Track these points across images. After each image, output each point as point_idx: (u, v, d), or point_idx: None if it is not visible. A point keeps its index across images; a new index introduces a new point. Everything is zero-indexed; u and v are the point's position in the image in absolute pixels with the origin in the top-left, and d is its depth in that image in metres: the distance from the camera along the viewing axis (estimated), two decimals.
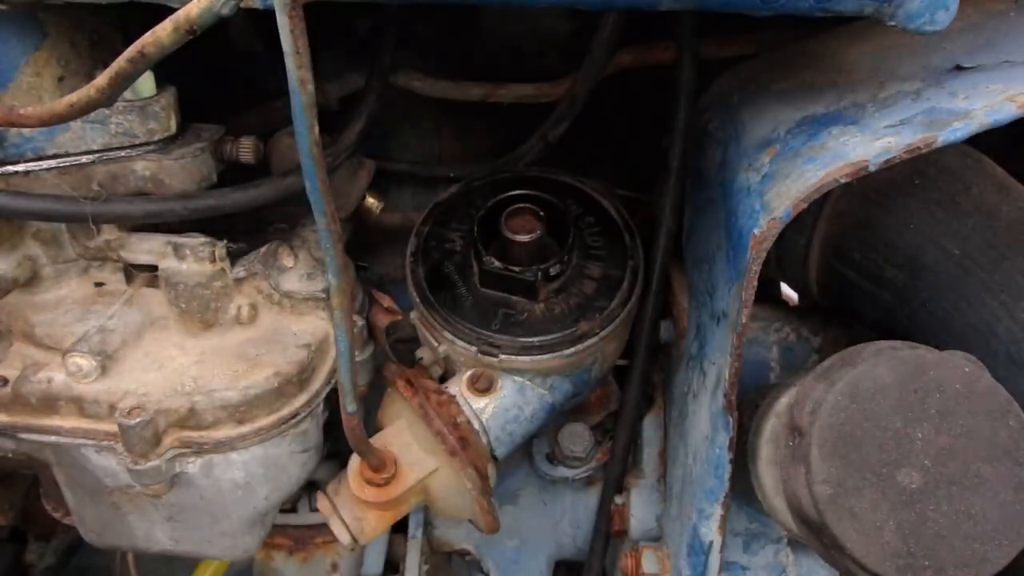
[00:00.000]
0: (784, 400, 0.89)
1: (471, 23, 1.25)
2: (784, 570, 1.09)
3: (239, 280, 1.07)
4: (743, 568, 1.09)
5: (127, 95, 0.95)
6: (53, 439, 1.00)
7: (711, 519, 0.96)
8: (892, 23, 0.75)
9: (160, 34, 0.69)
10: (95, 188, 1.00)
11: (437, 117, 1.43)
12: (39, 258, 1.06)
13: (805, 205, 0.75)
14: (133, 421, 0.94)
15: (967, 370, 0.73)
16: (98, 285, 1.10)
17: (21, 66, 0.93)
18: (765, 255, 0.79)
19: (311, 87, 0.63)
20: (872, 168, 0.74)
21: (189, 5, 0.67)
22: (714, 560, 0.98)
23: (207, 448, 1.00)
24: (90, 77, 0.83)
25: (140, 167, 1.00)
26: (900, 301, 0.90)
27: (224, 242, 1.05)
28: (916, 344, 0.76)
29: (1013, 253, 0.82)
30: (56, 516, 1.20)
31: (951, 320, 0.85)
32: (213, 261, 1.04)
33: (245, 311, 1.07)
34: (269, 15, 0.63)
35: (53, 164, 0.98)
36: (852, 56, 0.96)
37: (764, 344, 1.11)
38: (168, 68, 0.87)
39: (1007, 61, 0.83)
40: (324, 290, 1.08)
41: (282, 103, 1.28)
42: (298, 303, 1.09)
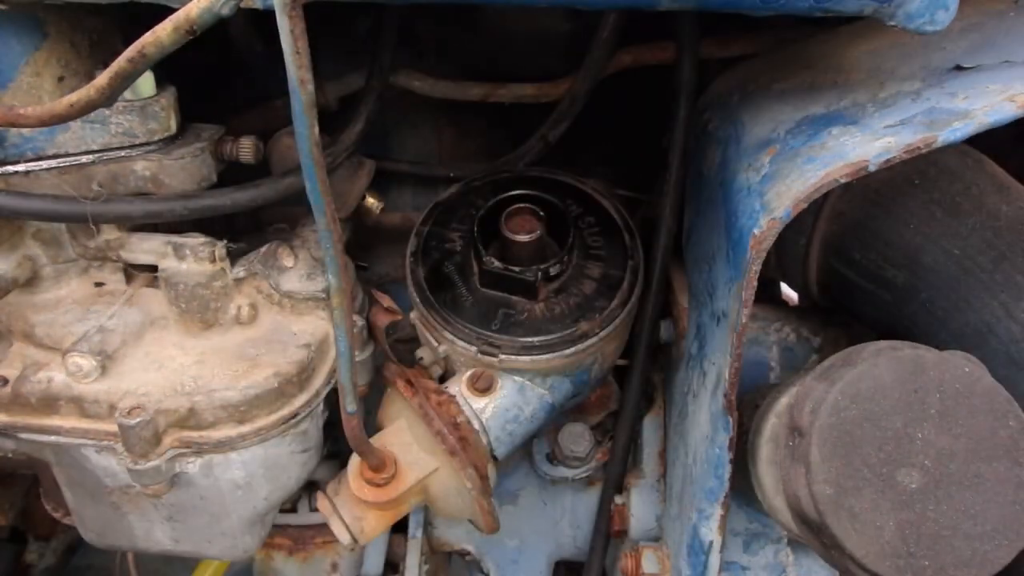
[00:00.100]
0: (784, 400, 0.89)
1: (471, 23, 1.25)
2: (784, 570, 1.09)
3: (239, 280, 1.07)
4: (743, 568, 1.09)
5: (127, 95, 0.96)
6: (53, 439, 1.00)
7: (711, 519, 0.96)
8: (892, 23, 0.75)
9: (160, 34, 0.69)
10: (95, 188, 1.00)
11: (437, 117, 1.43)
12: (39, 258, 1.06)
13: (805, 205, 0.75)
14: (133, 421, 0.94)
15: (967, 370, 0.73)
16: (98, 285, 1.10)
17: (21, 66, 0.93)
18: (765, 255, 0.79)
19: (311, 87, 0.63)
20: (872, 168, 0.74)
21: (189, 5, 0.67)
22: (714, 560, 0.98)
23: (207, 448, 1.00)
24: (90, 77, 0.83)
25: (140, 167, 1.00)
26: (900, 301, 0.90)
27: (224, 242, 1.05)
28: (916, 344, 0.76)
29: (1013, 253, 0.82)
30: (56, 516, 1.20)
31: (951, 320, 0.85)
32: (213, 261, 1.04)
33: (245, 311, 1.07)
34: (269, 15, 0.63)
35: (53, 164, 0.98)
36: (852, 56, 0.96)
37: (764, 344, 1.11)
38: (168, 68, 0.88)
39: (1007, 61, 0.83)
40: (324, 290, 1.08)
41: (282, 103, 1.28)
42: (298, 303, 1.09)
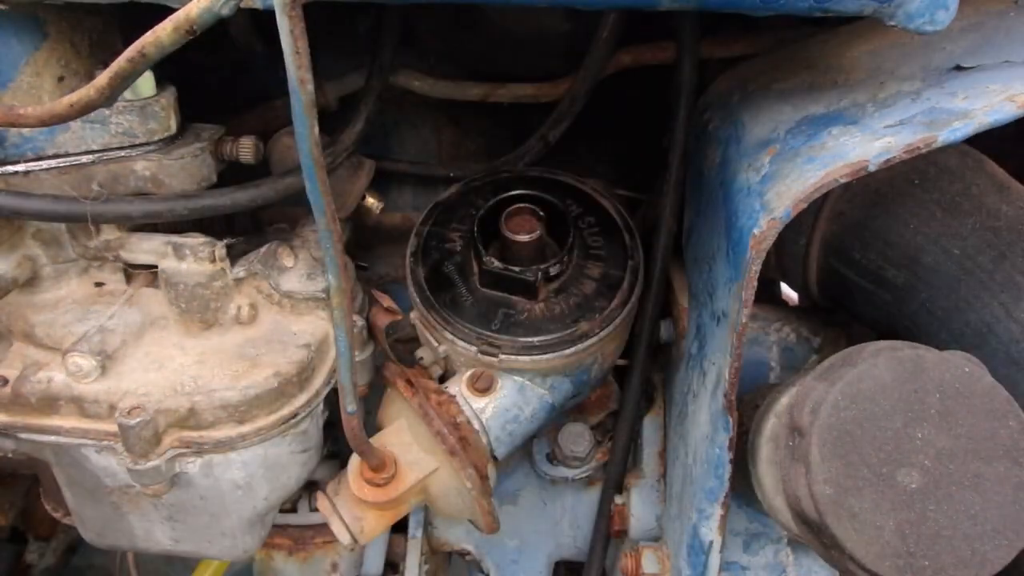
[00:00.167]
0: (784, 400, 0.89)
1: (471, 23, 1.25)
2: (784, 570, 1.09)
3: (239, 280, 1.07)
4: (743, 568, 1.09)
5: (127, 95, 0.96)
6: (53, 439, 1.00)
7: (711, 519, 0.96)
8: (892, 23, 0.75)
9: (160, 34, 0.69)
10: (95, 188, 1.00)
11: (437, 117, 1.43)
12: (39, 258, 1.06)
13: (805, 205, 0.75)
14: (133, 421, 0.94)
15: (967, 370, 0.73)
16: (98, 285, 1.10)
17: (21, 66, 0.93)
18: (765, 255, 0.79)
19: (311, 87, 0.63)
20: (872, 168, 0.74)
21: (189, 5, 0.67)
22: (714, 560, 0.98)
23: (207, 448, 1.00)
24: (90, 77, 0.83)
25: (140, 167, 1.00)
26: (900, 301, 0.90)
27: (224, 242, 1.05)
28: (916, 344, 0.76)
29: (1013, 253, 0.82)
30: (56, 516, 1.20)
31: (951, 320, 0.85)
32: (213, 261, 1.04)
33: (245, 311, 1.07)
34: (269, 15, 0.63)
35: (53, 164, 0.98)
36: (852, 56, 0.96)
37: (764, 344, 1.11)
38: (169, 68, 0.88)
39: (1007, 61, 0.83)
40: (324, 290, 1.08)
41: (282, 103, 1.28)
42: (298, 303, 1.09)
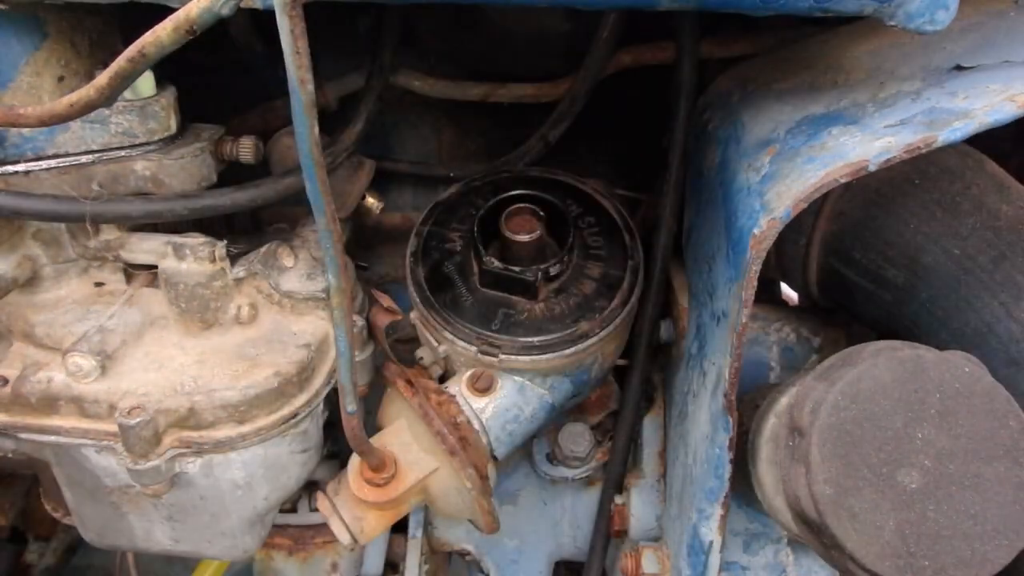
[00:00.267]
0: (784, 400, 0.89)
1: (471, 23, 1.25)
2: (784, 570, 1.09)
3: (239, 280, 1.07)
4: (743, 568, 1.09)
5: (127, 95, 0.96)
6: (53, 439, 1.00)
7: (711, 519, 0.96)
8: (892, 23, 0.75)
9: (160, 34, 0.69)
10: (95, 188, 1.00)
11: (437, 117, 1.43)
12: (39, 258, 1.06)
13: (805, 205, 0.75)
14: (133, 421, 0.94)
15: (967, 370, 0.73)
16: (98, 285, 1.10)
17: (21, 66, 0.93)
18: (765, 255, 0.79)
19: (311, 87, 0.63)
20: (872, 168, 0.74)
21: (189, 5, 0.67)
22: (714, 560, 0.98)
23: (207, 448, 1.00)
24: (90, 77, 0.83)
25: (140, 167, 1.00)
26: (900, 301, 0.90)
27: (224, 242, 1.05)
28: (916, 344, 0.76)
29: (1013, 253, 0.82)
30: (56, 516, 1.20)
31: (951, 320, 0.85)
32: (213, 261, 1.04)
33: (245, 311, 1.07)
34: (269, 15, 0.63)
35: (53, 164, 0.98)
36: (852, 56, 0.96)
37: (764, 344, 1.11)
38: (169, 68, 0.88)
39: (1007, 61, 0.83)
40: (324, 290, 1.08)
41: (282, 103, 1.28)
42: (298, 303, 1.09)
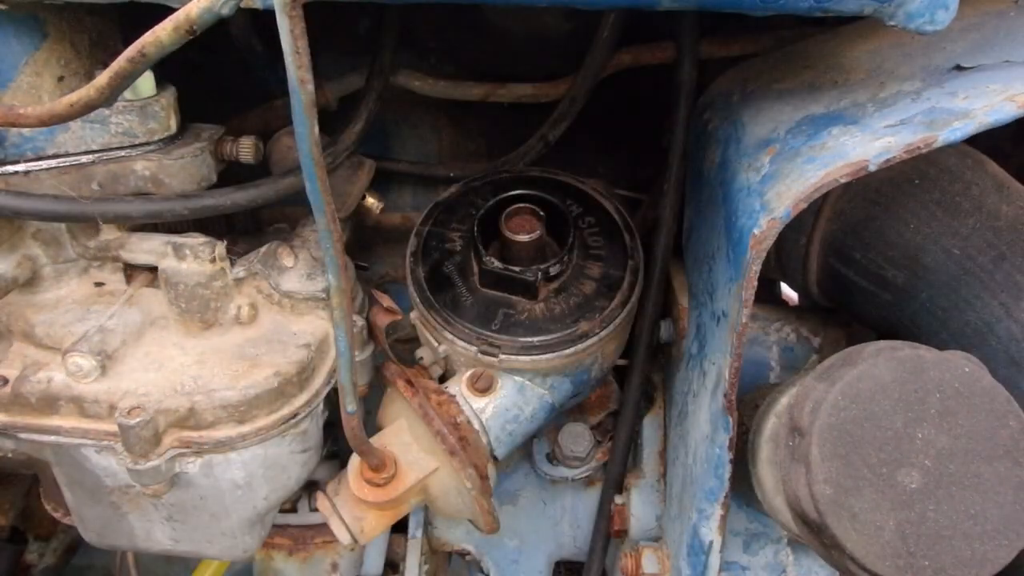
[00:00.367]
0: (784, 400, 0.89)
1: (471, 23, 1.25)
2: (784, 570, 1.09)
3: (239, 280, 1.07)
4: (743, 568, 1.09)
5: (127, 95, 0.96)
6: (53, 439, 1.00)
7: (711, 519, 0.96)
8: (892, 23, 0.75)
9: (160, 34, 0.69)
10: (95, 188, 1.00)
11: (437, 117, 1.43)
12: (39, 258, 1.06)
13: (805, 205, 0.75)
14: (133, 421, 0.94)
15: (967, 370, 0.73)
16: (98, 285, 1.10)
17: (21, 66, 0.93)
18: (765, 255, 0.79)
19: (311, 87, 0.63)
20: (872, 168, 0.74)
21: (189, 5, 0.67)
22: (714, 560, 0.98)
23: (207, 448, 1.00)
24: (90, 77, 0.83)
25: (140, 167, 1.00)
26: (900, 301, 0.90)
27: (224, 242, 1.05)
28: (916, 344, 0.76)
29: (1013, 253, 0.82)
30: (56, 516, 1.20)
31: (951, 320, 0.85)
32: (213, 261, 1.03)
33: (245, 311, 1.07)
34: (269, 15, 0.63)
35: (53, 164, 0.98)
36: (852, 56, 0.96)
37: (764, 344, 1.11)
38: (169, 68, 0.88)
39: (1007, 61, 0.83)
40: (324, 290, 1.08)
41: (282, 103, 1.28)
42: (298, 303, 1.09)
